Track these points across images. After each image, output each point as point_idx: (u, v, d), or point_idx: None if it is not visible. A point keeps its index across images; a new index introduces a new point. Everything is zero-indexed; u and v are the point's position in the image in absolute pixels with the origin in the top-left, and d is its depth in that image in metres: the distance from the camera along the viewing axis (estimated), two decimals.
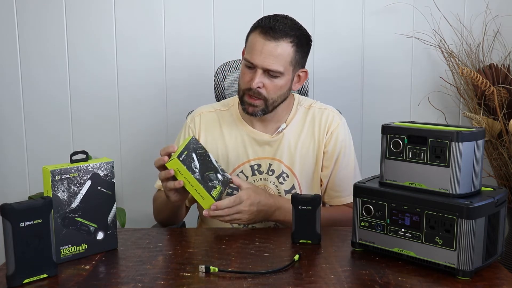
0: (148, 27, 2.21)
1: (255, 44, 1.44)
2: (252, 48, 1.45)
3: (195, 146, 1.36)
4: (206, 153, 1.38)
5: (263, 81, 1.45)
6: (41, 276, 1.08)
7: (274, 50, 1.43)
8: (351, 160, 1.60)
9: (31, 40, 2.21)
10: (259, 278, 1.09)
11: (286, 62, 1.45)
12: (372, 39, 2.21)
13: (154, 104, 2.25)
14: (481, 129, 1.15)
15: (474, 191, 1.13)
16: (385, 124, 1.21)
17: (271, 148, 1.56)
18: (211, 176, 1.34)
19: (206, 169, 1.34)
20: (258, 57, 1.43)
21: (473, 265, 1.08)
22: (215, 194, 1.32)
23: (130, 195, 2.28)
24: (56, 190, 1.15)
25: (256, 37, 1.45)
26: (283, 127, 1.56)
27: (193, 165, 1.31)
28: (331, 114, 1.59)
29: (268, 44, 1.42)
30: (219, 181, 1.36)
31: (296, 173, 1.55)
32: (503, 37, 2.17)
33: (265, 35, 1.43)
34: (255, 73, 1.45)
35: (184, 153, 1.30)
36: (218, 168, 1.39)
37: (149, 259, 1.20)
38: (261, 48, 1.43)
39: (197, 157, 1.34)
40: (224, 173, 1.40)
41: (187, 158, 1.30)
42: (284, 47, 1.44)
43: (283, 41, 1.43)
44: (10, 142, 2.28)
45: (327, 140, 1.56)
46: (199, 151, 1.36)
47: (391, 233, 1.17)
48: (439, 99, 2.24)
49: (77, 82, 2.24)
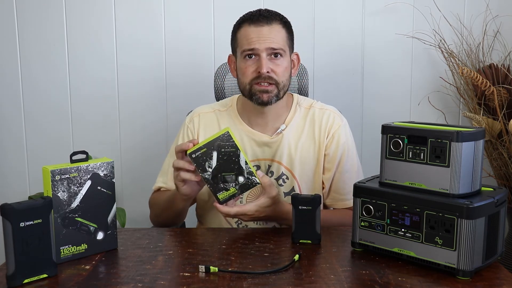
0: (148, 27, 2.21)
1: (249, 34, 1.47)
2: (247, 38, 1.47)
3: (223, 144, 1.30)
4: (236, 152, 1.31)
5: (269, 66, 1.46)
6: (41, 276, 1.08)
7: (270, 32, 1.46)
8: (354, 162, 1.58)
9: (31, 40, 2.21)
10: (259, 278, 1.09)
11: (283, 41, 1.49)
12: (372, 39, 2.21)
13: (154, 104, 2.25)
14: (481, 129, 1.15)
15: (474, 191, 1.13)
16: (385, 124, 1.21)
17: (270, 149, 1.54)
18: (227, 178, 1.31)
19: (225, 170, 1.30)
20: (257, 42, 1.45)
21: (473, 265, 1.08)
22: (222, 196, 1.31)
23: (130, 195, 2.28)
24: (56, 190, 1.15)
25: (246, 29, 1.48)
26: (282, 128, 1.54)
27: (207, 163, 1.29)
28: (332, 115, 1.57)
29: (263, 29, 1.46)
30: (237, 184, 1.32)
31: (296, 175, 1.54)
32: (503, 37, 2.17)
33: (257, 23, 1.47)
34: (260, 59, 1.46)
35: (202, 150, 1.28)
36: (244, 170, 1.32)
37: (149, 259, 1.20)
38: (257, 34, 1.46)
39: (218, 156, 1.29)
40: (252, 176, 1.32)
41: (203, 156, 1.28)
42: (277, 28, 1.48)
43: (274, 23, 1.48)
44: (10, 142, 2.28)
45: (328, 143, 1.55)
46: (226, 150, 1.30)
47: (391, 233, 1.17)
48: (439, 99, 2.24)
49: (77, 82, 2.24)
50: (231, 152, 1.30)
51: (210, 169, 1.29)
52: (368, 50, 2.22)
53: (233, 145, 1.30)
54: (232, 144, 1.30)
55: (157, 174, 1.64)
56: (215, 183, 1.30)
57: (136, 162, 2.29)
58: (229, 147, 1.30)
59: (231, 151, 1.30)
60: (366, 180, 1.27)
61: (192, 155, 1.27)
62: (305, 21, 2.20)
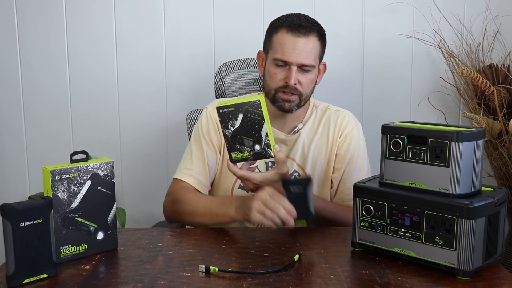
0: (148, 26, 2.20)
1: (285, 42, 1.47)
2: (282, 47, 1.48)
3: (251, 110, 1.30)
4: (260, 122, 1.30)
5: (298, 78, 1.48)
6: (41, 276, 1.08)
7: (306, 46, 1.47)
8: (364, 165, 1.60)
9: (31, 40, 2.21)
10: (259, 278, 1.09)
11: (316, 55, 1.51)
12: (372, 39, 2.21)
13: (155, 104, 2.25)
14: (481, 129, 1.15)
15: (474, 191, 1.13)
16: (385, 124, 1.21)
17: (286, 146, 1.58)
18: (245, 141, 1.32)
19: (245, 133, 1.31)
20: (291, 55, 1.46)
21: (473, 265, 1.08)
22: (235, 156, 1.32)
23: (130, 195, 2.28)
24: (56, 190, 1.15)
25: (284, 36, 1.48)
26: (299, 127, 1.59)
27: (231, 122, 1.30)
28: (346, 117, 1.61)
29: (299, 41, 1.47)
30: (252, 150, 1.32)
31: (308, 172, 1.57)
32: (503, 37, 2.17)
33: (295, 32, 1.47)
34: (290, 70, 1.48)
35: (230, 108, 1.30)
36: (263, 140, 1.31)
37: (149, 259, 1.20)
38: (293, 45, 1.47)
39: (243, 119, 1.30)
40: (268, 148, 1.31)
41: (229, 114, 1.30)
42: (313, 41, 1.49)
43: (311, 35, 1.49)
44: (10, 142, 2.28)
45: (340, 143, 1.58)
46: (252, 116, 1.30)
47: (391, 233, 1.17)
48: (439, 99, 2.24)
49: (77, 82, 2.24)
50: (256, 120, 1.30)
51: (232, 128, 1.30)
52: (368, 50, 2.22)
53: (260, 114, 1.30)
54: (259, 113, 1.30)
55: (157, 174, 1.65)
56: (232, 142, 1.31)
57: (136, 162, 2.28)
58: (255, 115, 1.30)
59: (256, 119, 1.30)
60: (366, 180, 1.27)
61: (220, 110, 1.29)
62: None
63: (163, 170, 2.23)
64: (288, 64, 1.48)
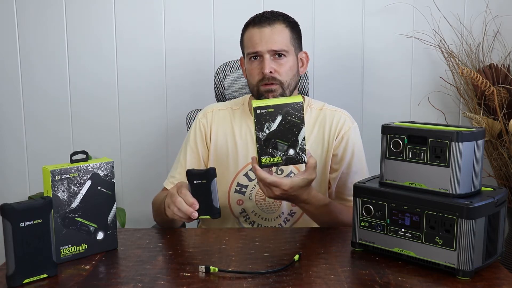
0: (148, 26, 2.21)
1: (252, 36, 1.51)
2: (251, 41, 1.51)
3: (292, 112, 1.25)
4: (299, 125, 1.25)
5: (272, 66, 1.48)
6: (41, 276, 1.08)
7: (272, 33, 1.49)
8: (362, 165, 1.58)
9: (31, 40, 2.21)
10: (259, 278, 1.09)
11: (287, 41, 1.51)
12: (372, 39, 2.21)
13: (154, 104, 2.25)
14: (481, 129, 1.15)
15: (474, 191, 1.13)
16: (385, 124, 1.21)
17: None
18: (279, 146, 1.26)
19: (281, 137, 1.26)
20: (259, 44, 1.48)
21: (473, 265, 1.08)
22: (265, 161, 1.26)
23: (130, 195, 2.28)
24: (56, 190, 1.15)
25: (250, 31, 1.52)
26: None
27: (266, 124, 1.25)
28: (342, 117, 1.59)
29: (264, 30, 1.49)
30: (285, 155, 1.27)
31: None
32: (503, 37, 2.17)
33: (259, 24, 1.50)
34: (263, 60, 1.49)
35: (269, 109, 1.25)
36: (299, 145, 1.26)
37: (149, 259, 1.20)
38: (259, 36, 1.49)
39: (280, 121, 1.25)
40: (302, 153, 1.27)
41: (267, 115, 1.25)
42: (279, 28, 1.50)
43: (277, 23, 1.50)
44: (10, 142, 2.28)
45: (337, 144, 1.56)
46: (291, 119, 1.25)
47: (391, 233, 1.17)
48: (439, 99, 2.24)
49: (77, 82, 2.24)
50: (295, 123, 1.25)
51: (267, 131, 1.25)
52: (368, 50, 2.22)
53: (301, 117, 1.25)
54: (300, 116, 1.25)
55: (157, 174, 1.65)
56: (264, 146, 1.26)
57: (136, 162, 2.29)
58: (296, 118, 1.25)
59: (295, 122, 1.25)
60: (366, 180, 1.27)
61: (257, 110, 1.24)
62: (305, 21, 2.20)
63: (163, 170, 2.23)
64: (260, 54, 1.49)
